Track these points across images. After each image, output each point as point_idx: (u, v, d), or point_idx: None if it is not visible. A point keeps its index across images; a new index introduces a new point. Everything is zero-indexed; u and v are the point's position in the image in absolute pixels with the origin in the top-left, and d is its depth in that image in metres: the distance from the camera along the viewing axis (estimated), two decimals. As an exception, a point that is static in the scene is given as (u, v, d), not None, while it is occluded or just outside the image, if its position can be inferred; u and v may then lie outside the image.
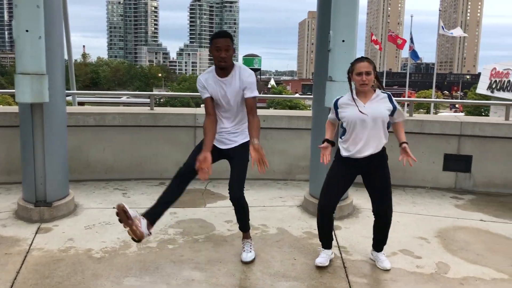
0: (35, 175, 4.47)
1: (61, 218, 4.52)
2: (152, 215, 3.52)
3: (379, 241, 3.69)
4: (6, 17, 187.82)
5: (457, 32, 32.61)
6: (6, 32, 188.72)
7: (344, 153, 3.47)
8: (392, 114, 3.40)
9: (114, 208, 4.87)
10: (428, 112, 39.18)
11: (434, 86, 37.09)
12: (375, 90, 3.42)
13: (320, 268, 3.60)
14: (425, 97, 59.82)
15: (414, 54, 37.65)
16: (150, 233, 3.46)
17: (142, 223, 3.38)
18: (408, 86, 43.33)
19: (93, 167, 6.00)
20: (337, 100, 3.54)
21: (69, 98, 8.57)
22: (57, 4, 4.43)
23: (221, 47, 3.37)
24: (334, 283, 3.38)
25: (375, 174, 3.48)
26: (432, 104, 33.99)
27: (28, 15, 3.90)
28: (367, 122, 3.34)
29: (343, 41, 4.26)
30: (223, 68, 3.44)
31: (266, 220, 4.64)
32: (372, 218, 4.73)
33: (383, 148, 3.47)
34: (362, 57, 3.41)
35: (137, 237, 3.31)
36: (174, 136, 6.12)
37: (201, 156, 3.31)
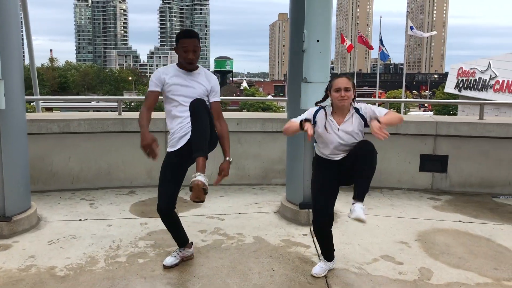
0: (-8, 187, 4.16)
1: (22, 233, 4.22)
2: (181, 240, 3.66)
3: (359, 187, 3.28)
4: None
5: (427, 33, 33.28)
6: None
7: (320, 154, 3.36)
8: (366, 124, 3.22)
9: (81, 220, 4.61)
10: (398, 111, 39.75)
11: (404, 86, 37.64)
12: (351, 107, 3.27)
13: (300, 278, 3.43)
14: (395, 97, 60.82)
15: (383, 54, 38.19)
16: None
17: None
18: (378, 86, 43.92)
19: (58, 177, 5.68)
20: (316, 112, 3.33)
21: (42, 104, 8.23)
22: (13, 4, 4.13)
23: (189, 48, 3.24)
24: (315, 295, 3.22)
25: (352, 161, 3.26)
26: (403, 104, 34.44)
27: (-20, 15, 3.60)
28: (342, 146, 3.26)
29: (318, 40, 4.12)
30: (191, 69, 3.37)
31: (242, 229, 4.45)
32: (351, 223, 4.63)
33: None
34: (341, 73, 3.32)
35: None
36: (144, 142, 5.83)
37: (143, 142, 3.26)
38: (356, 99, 3.38)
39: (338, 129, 3.24)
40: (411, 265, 3.68)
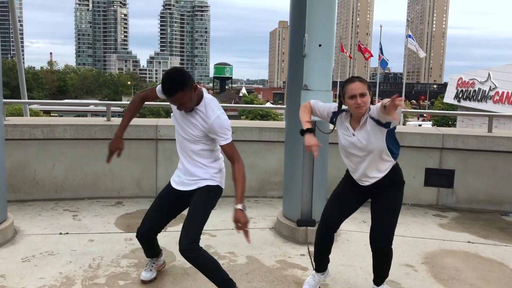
0: (-36, 198, 3.82)
1: (-5, 248, 3.88)
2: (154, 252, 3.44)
3: (375, 274, 3.19)
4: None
5: (422, 54, 33.35)
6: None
7: (351, 174, 3.05)
8: (387, 125, 2.82)
9: (61, 234, 4.28)
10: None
11: (403, 95, 37.44)
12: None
13: (296, 307, 3.10)
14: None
15: (383, 63, 38.09)
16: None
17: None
18: (378, 95, 43.74)
19: (40, 186, 5.34)
20: (337, 112, 3.01)
21: (38, 107, 7.90)
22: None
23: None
24: (313, 327, 2.88)
25: (380, 197, 2.99)
26: (402, 114, 34.29)
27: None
28: (358, 153, 2.91)
29: (320, 45, 3.81)
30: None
31: (234, 247, 4.11)
32: (352, 242, 4.30)
33: (392, 170, 2.99)
34: (353, 77, 2.89)
35: None
36: (133, 150, 5.52)
37: (112, 146, 3.16)
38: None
39: (353, 134, 2.90)
40: (419, 293, 3.35)
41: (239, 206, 2.81)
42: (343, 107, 2.98)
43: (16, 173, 5.24)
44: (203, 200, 3.01)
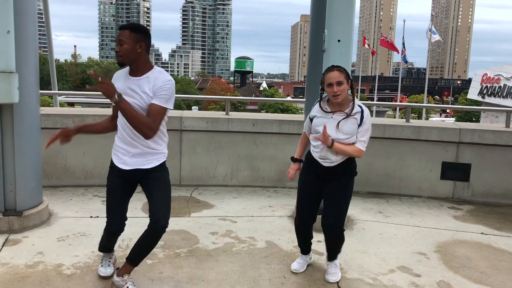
0: (4, 181, 4.13)
1: (32, 229, 4.17)
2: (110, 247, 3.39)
3: (329, 252, 3.45)
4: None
5: (435, 37, 32.70)
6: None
7: (313, 154, 3.22)
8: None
9: (91, 217, 4.57)
10: (419, 117, 39.13)
11: (426, 91, 37.05)
12: (352, 101, 3.09)
13: (308, 286, 3.29)
14: (416, 102, 59.91)
15: (405, 58, 37.81)
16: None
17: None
18: (400, 90, 43.31)
19: (71, 172, 5.65)
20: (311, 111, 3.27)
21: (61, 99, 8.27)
22: (30, -3, 4.09)
23: (117, 41, 2.84)
24: (328, 306, 3.08)
25: (332, 183, 3.22)
26: (424, 109, 33.86)
27: (-4, 7, 3.56)
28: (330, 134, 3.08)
29: (339, 41, 3.97)
30: (120, 64, 2.87)
31: (254, 232, 4.33)
32: (367, 230, 4.48)
33: (350, 160, 3.19)
34: (332, 66, 3.11)
35: None
36: (159, 140, 5.77)
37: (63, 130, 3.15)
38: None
39: (332, 116, 3.08)
40: (430, 278, 3.51)
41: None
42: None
43: (49, 160, 5.54)
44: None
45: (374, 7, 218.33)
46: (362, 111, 3.08)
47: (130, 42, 2.80)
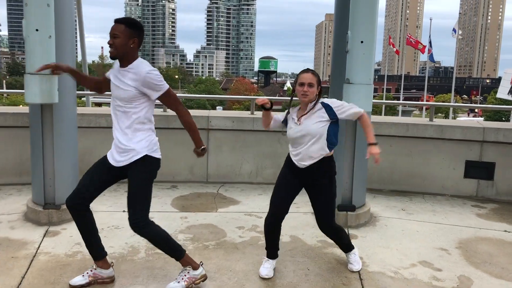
0: (44, 177, 4.40)
1: (69, 222, 4.43)
2: (94, 251, 3.38)
3: (339, 246, 3.66)
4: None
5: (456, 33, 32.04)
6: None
7: (292, 157, 3.35)
8: (335, 120, 3.21)
9: (124, 211, 4.80)
10: (446, 116, 38.54)
11: (453, 90, 36.46)
12: (316, 102, 3.24)
13: (334, 279, 3.43)
14: (443, 101, 58.92)
15: (432, 57, 37.24)
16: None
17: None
18: (426, 89, 42.70)
19: (104, 169, 5.91)
20: (286, 114, 3.41)
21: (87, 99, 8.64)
22: (68, 3, 4.35)
23: (111, 34, 2.96)
24: (350, 296, 3.21)
25: (315, 188, 3.34)
26: (451, 109, 33.36)
27: (38, 14, 3.83)
28: (302, 139, 3.21)
29: (362, 42, 4.09)
30: (112, 57, 2.99)
31: (279, 227, 4.48)
32: (390, 227, 4.58)
33: (326, 160, 3.26)
34: (307, 68, 3.31)
35: None
36: (187, 139, 5.96)
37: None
38: (324, 96, 3.42)
39: (298, 123, 3.24)
40: (450, 273, 3.60)
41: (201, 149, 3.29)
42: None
43: (83, 158, 5.81)
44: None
45: (400, 6, 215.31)
46: (326, 105, 3.22)
47: (124, 37, 2.93)
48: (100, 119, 5.83)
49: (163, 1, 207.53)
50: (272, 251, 3.54)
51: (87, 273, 3.28)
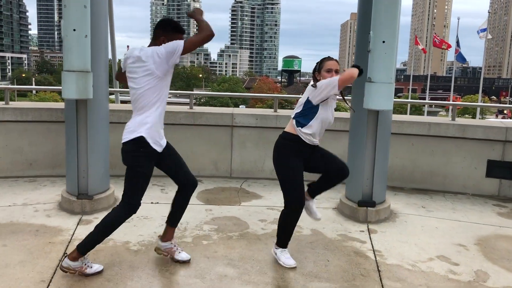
0: (78, 169, 4.65)
1: (101, 211, 4.67)
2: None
3: (326, 188, 3.82)
4: (56, 18, 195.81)
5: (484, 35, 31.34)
6: (56, 32, 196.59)
7: (305, 137, 3.53)
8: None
9: (152, 203, 5.03)
10: (474, 117, 37.88)
11: (480, 90, 35.84)
12: None
13: (353, 270, 3.57)
14: (471, 102, 57.75)
15: (460, 57, 36.56)
16: None
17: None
18: (453, 90, 42.02)
19: (133, 163, 6.16)
20: None
21: (112, 96, 8.92)
22: (103, 4, 4.60)
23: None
24: (367, 286, 3.34)
25: (315, 153, 3.65)
26: (478, 109, 32.80)
27: (76, 15, 4.06)
28: (328, 119, 3.59)
29: (384, 42, 4.20)
30: None
31: (300, 221, 4.51)
32: (410, 223, 4.67)
33: None
34: (330, 56, 3.57)
35: None
36: (212, 135, 6.20)
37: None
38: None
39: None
40: (467, 267, 3.69)
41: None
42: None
43: (113, 152, 6.04)
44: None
45: (428, 5, 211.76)
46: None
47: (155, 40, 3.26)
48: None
49: (188, 1, 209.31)
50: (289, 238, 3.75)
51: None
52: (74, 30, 4.08)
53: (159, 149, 3.36)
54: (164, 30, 3.25)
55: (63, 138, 5.49)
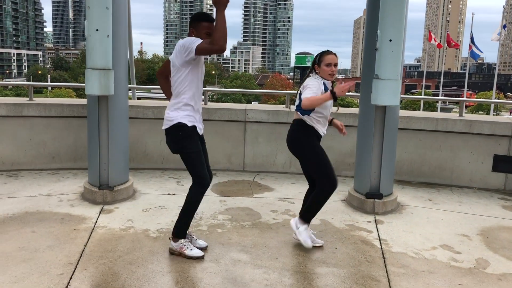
0: (100, 161, 4.92)
1: (121, 201, 4.94)
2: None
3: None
4: (70, 15, 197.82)
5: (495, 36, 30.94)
6: (70, 30, 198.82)
7: (321, 131, 3.87)
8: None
9: (169, 194, 5.28)
10: (488, 114, 37.58)
11: (494, 87, 35.52)
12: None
13: (359, 257, 3.77)
14: (486, 99, 57.13)
15: (474, 54, 36.26)
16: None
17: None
18: (467, 86, 41.68)
19: (150, 157, 6.44)
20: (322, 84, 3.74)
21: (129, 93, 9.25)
22: (123, 5, 4.84)
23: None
24: (372, 271, 3.54)
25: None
26: (492, 106, 32.58)
27: (99, 15, 4.32)
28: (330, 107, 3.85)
29: (390, 40, 4.38)
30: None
31: (310, 212, 4.84)
32: (416, 215, 4.85)
33: None
34: (329, 50, 3.74)
35: None
36: (225, 130, 6.44)
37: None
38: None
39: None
40: (469, 255, 3.87)
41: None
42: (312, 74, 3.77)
43: (132, 146, 6.33)
44: None
45: (442, 0, 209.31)
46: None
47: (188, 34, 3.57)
48: (147, 110, 6.33)
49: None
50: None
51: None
52: (97, 30, 4.34)
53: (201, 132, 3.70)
54: (191, 24, 3.57)
55: (83, 133, 5.79)
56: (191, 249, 3.66)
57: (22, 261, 3.52)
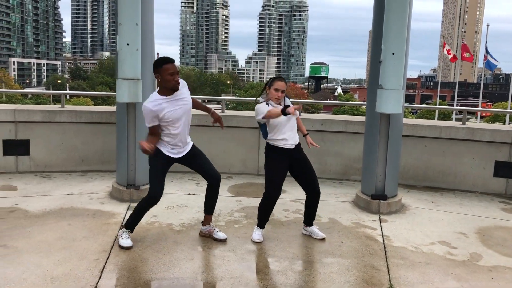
0: (127, 163, 5.39)
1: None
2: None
3: (312, 215, 4.48)
4: (89, 26, 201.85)
5: None
6: (89, 40, 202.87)
7: (282, 145, 4.20)
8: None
9: (189, 194, 5.73)
10: (503, 123, 37.46)
11: (510, 97, 35.45)
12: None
13: (363, 250, 4.16)
14: (504, 109, 56.73)
15: (490, 64, 36.26)
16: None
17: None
18: (483, 97, 41.63)
19: (171, 161, 6.89)
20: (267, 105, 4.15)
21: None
22: (150, 21, 5.34)
23: (174, 72, 3.86)
24: (374, 262, 3.93)
25: (300, 161, 4.29)
26: (508, 116, 32.49)
27: (129, 31, 4.82)
28: (290, 122, 4.19)
29: (393, 54, 4.79)
30: (176, 89, 3.96)
31: (319, 211, 5.18)
32: (418, 215, 5.21)
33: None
34: (280, 76, 4.23)
35: None
36: (242, 136, 6.88)
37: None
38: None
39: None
40: (464, 250, 4.23)
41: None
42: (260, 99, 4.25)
43: (154, 150, 6.82)
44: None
45: (458, 10, 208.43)
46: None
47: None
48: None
49: (217, 8, 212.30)
50: (265, 222, 4.40)
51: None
52: (128, 44, 4.84)
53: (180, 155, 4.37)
54: (154, 71, 3.94)
55: (111, 138, 6.28)
56: (123, 238, 4.11)
57: (62, 248, 3.99)
